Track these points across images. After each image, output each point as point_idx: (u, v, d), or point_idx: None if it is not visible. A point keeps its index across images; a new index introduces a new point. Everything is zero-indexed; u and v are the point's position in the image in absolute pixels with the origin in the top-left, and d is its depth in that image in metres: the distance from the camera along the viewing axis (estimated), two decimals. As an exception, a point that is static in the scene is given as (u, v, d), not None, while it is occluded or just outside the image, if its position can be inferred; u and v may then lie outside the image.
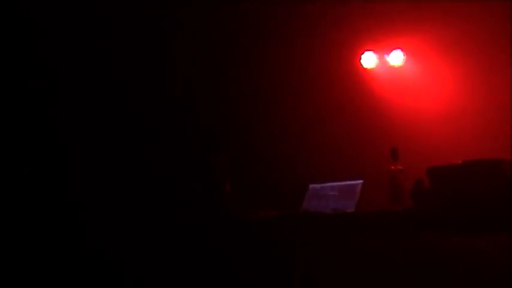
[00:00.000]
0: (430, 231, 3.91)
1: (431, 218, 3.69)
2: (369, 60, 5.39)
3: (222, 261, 4.40)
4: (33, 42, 4.82)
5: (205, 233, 4.40)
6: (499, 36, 4.85)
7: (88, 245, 4.56)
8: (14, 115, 4.68)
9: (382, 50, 5.35)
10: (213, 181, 4.56)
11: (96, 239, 4.55)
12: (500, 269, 4.42)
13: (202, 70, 5.43)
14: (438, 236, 4.50)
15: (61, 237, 4.56)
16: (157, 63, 5.15)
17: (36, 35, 4.82)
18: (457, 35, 5.02)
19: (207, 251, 4.42)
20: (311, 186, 4.52)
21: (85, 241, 4.57)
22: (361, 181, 4.28)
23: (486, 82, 4.93)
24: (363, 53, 5.40)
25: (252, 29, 5.52)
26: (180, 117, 5.00)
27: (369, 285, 4.99)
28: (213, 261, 4.41)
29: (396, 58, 5.27)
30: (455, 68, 5.06)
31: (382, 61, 5.37)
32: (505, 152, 3.86)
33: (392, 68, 5.31)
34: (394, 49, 5.28)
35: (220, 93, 5.51)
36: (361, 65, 5.41)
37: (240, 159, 5.12)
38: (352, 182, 4.31)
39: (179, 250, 4.45)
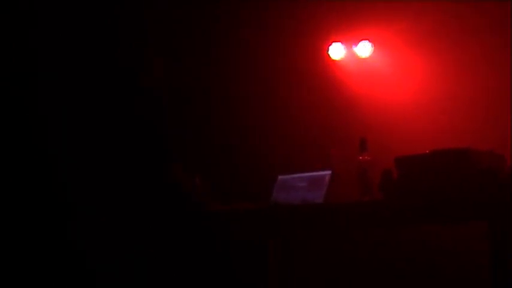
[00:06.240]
0: (399, 222, 3.91)
1: (400, 208, 3.68)
2: (336, 51, 5.40)
3: (192, 256, 4.38)
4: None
5: (175, 227, 4.36)
6: (471, 27, 4.86)
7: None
8: None
9: (350, 41, 5.35)
10: (182, 174, 4.53)
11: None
12: (471, 259, 4.45)
13: (166, 64, 5.37)
14: (408, 227, 4.52)
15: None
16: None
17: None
18: (426, 26, 5.03)
19: (177, 246, 4.39)
20: (280, 177, 4.49)
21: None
22: (329, 172, 4.26)
23: (456, 73, 4.95)
24: (330, 44, 5.40)
25: (216, 19, 5.49)
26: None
27: (338, 274, 5.02)
28: (184, 256, 4.39)
29: (364, 49, 5.27)
30: (424, 59, 5.07)
31: (350, 52, 5.37)
32: (473, 142, 3.86)
33: (361, 59, 5.32)
34: (361, 40, 5.28)
35: (186, 86, 5.46)
36: (329, 56, 5.41)
37: (208, 151, 5.09)
38: (321, 173, 4.29)
39: (147, 246, 4.41)
